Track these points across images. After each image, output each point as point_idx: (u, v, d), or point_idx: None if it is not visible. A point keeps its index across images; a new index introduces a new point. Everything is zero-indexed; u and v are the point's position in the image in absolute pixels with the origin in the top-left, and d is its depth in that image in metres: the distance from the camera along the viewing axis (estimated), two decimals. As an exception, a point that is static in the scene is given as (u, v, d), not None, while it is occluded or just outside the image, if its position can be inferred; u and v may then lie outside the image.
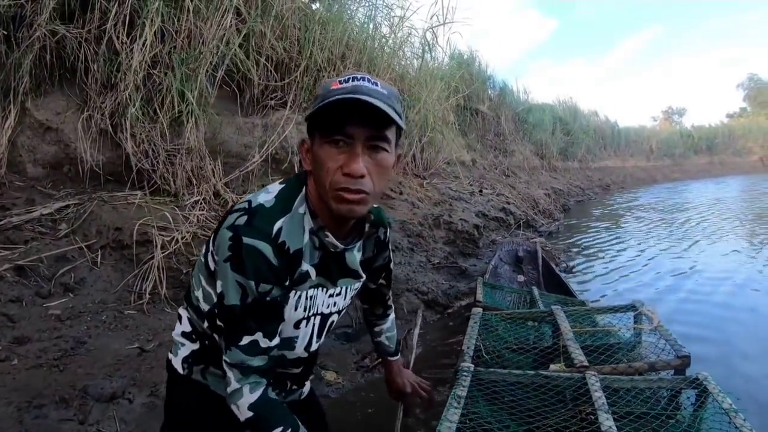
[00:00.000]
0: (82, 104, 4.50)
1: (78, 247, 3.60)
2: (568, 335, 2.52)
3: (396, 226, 5.33)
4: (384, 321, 1.88)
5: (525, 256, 5.50)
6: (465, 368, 2.15)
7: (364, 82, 1.15)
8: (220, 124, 5.00)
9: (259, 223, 1.17)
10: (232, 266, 1.15)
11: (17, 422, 2.28)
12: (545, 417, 1.92)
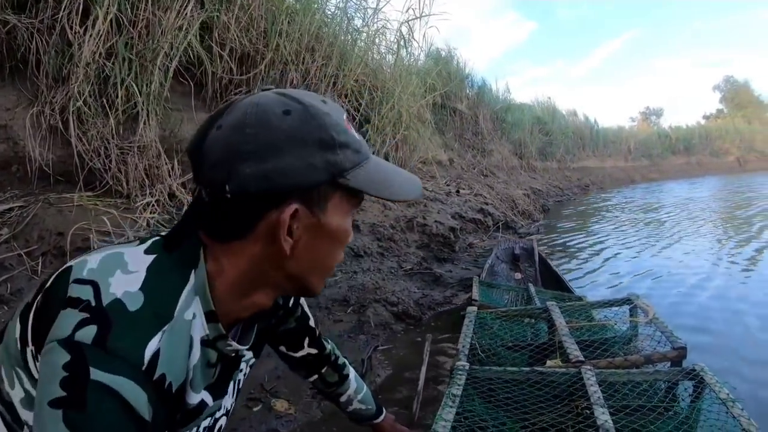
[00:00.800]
0: (32, 99, 4.21)
1: (17, 254, 3.30)
2: (563, 331, 2.50)
3: (366, 229, 5.08)
4: (345, 385, 1.50)
5: (522, 253, 5.46)
6: (460, 367, 2.09)
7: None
8: (180, 120, 4.73)
9: (118, 344, 0.68)
10: (67, 418, 0.64)
11: None
12: (541, 413, 1.89)
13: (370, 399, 1.56)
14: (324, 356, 1.42)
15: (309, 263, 0.83)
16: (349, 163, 0.79)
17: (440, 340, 3.71)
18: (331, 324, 3.77)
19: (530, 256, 5.40)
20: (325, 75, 6.01)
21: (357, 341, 3.66)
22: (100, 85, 4.25)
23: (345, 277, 4.36)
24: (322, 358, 1.42)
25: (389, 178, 0.84)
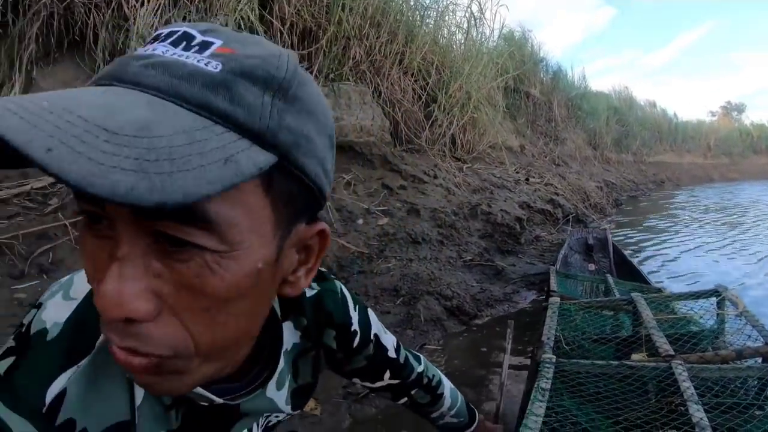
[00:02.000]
0: (90, 73, 4.26)
1: (63, 224, 3.27)
2: (650, 323, 2.39)
3: (426, 214, 4.82)
4: (439, 404, 1.32)
5: (595, 243, 5.29)
6: (547, 359, 2.05)
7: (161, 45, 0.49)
8: None
9: (22, 380, 0.56)
10: None
11: None
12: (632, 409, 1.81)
13: (463, 410, 1.42)
14: (412, 382, 1.21)
15: None
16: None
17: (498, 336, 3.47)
18: (379, 316, 3.46)
19: (604, 246, 5.21)
20: (390, 51, 5.78)
21: (404, 336, 3.40)
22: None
23: (399, 265, 4.10)
24: (412, 383, 1.21)
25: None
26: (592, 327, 2.70)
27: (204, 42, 0.48)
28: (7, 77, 4.08)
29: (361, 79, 5.61)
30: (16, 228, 3.15)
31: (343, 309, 0.92)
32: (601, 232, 5.46)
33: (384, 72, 5.79)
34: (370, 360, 1.05)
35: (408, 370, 1.18)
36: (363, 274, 3.91)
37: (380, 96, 5.82)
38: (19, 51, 4.06)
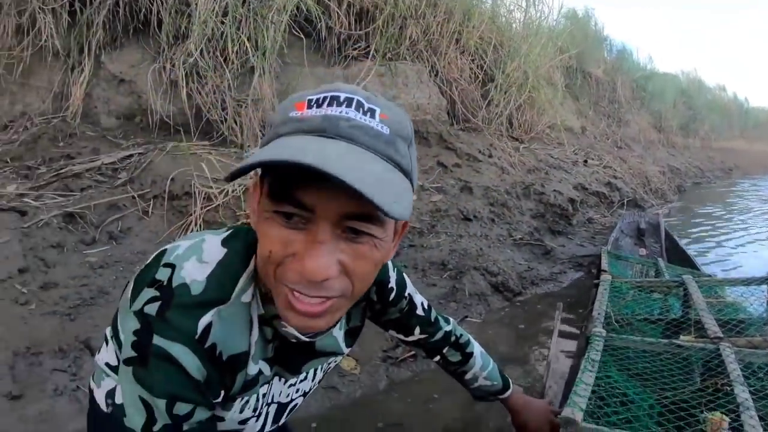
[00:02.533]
0: (154, 56, 4.51)
1: (131, 196, 3.50)
2: (701, 306, 2.38)
3: (479, 192, 4.85)
4: (470, 363, 1.50)
5: (647, 228, 5.18)
6: (598, 333, 2.08)
7: (348, 109, 0.71)
8: (298, 75, 4.85)
9: (176, 317, 0.77)
10: (134, 373, 0.77)
11: (8, 368, 2.22)
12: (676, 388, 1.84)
13: (496, 375, 1.56)
14: (441, 339, 1.42)
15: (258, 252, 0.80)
16: (265, 141, 0.77)
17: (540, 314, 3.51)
18: (424, 287, 3.61)
19: (656, 231, 5.10)
20: (447, 31, 5.79)
21: (447, 308, 3.49)
22: (216, 41, 4.41)
23: (448, 240, 4.18)
24: (441, 341, 1.43)
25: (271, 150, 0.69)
26: (641, 307, 2.69)
27: (370, 109, 0.72)
28: (76, 62, 4.39)
29: (418, 59, 5.66)
30: (88, 199, 3.39)
31: (383, 270, 1.14)
32: (653, 217, 5.35)
33: (441, 51, 5.82)
34: (403, 314, 1.28)
35: (436, 328, 1.39)
36: (413, 248, 4.01)
37: (437, 75, 5.86)
38: (87, 37, 4.35)
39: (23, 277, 2.79)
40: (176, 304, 0.77)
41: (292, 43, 4.86)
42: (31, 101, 4.37)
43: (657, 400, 1.79)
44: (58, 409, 2.17)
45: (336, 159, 0.63)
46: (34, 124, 4.24)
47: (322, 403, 2.46)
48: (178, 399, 0.77)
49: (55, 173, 3.65)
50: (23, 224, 3.13)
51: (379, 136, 0.71)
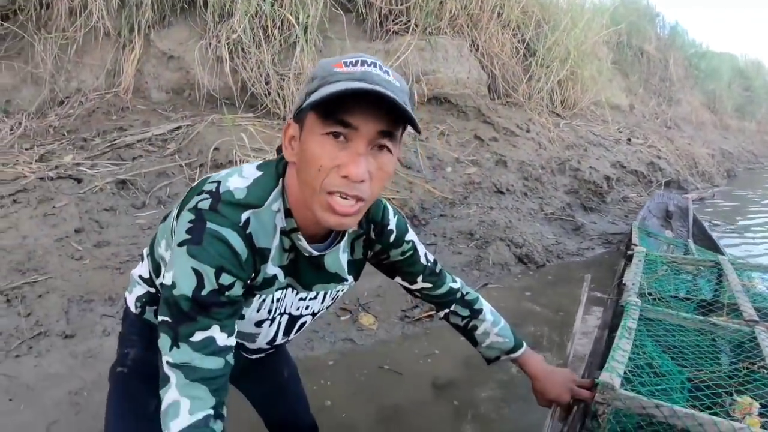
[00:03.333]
0: (201, 33, 4.72)
1: (179, 164, 3.73)
2: (736, 287, 2.32)
3: (513, 166, 4.90)
4: (480, 318, 1.56)
5: (675, 211, 5.05)
6: (633, 302, 2.06)
7: (375, 69, 0.96)
8: (340, 49, 4.97)
9: (224, 209, 1.01)
10: (188, 250, 0.98)
11: (64, 314, 2.54)
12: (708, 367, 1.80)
13: (508, 332, 1.58)
14: (446, 292, 1.51)
15: (301, 174, 1.02)
16: (312, 90, 0.96)
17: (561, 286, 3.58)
18: (450, 255, 3.76)
19: (684, 215, 5.00)
20: (487, 5, 5.78)
21: (469, 276, 3.62)
22: (259, 18, 4.57)
23: (478, 211, 4.28)
24: (446, 294, 1.51)
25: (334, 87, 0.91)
26: (671, 285, 2.62)
27: (386, 71, 0.96)
28: (127, 40, 4.67)
29: (458, 33, 5.68)
30: (139, 167, 3.64)
31: (382, 213, 1.30)
32: (682, 200, 5.23)
33: (482, 26, 5.82)
34: (406, 258, 1.39)
35: (441, 280, 1.48)
36: (444, 218, 4.13)
37: (478, 49, 5.86)
38: (137, 17, 4.60)
39: (79, 236, 3.07)
40: (224, 201, 1.00)
41: (333, 18, 4.97)
42: (85, 78, 4.66)
43: (689, 378, 1.76)
44: (105, 347, 2.45)
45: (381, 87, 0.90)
46: (89, 99, 4.53)
47: (340, 347, 2.76)
48: (224, 270, 0.98)
49: (109, 144, 3.90)
50: (80, 190, 3.40)
51: (398, 87, 0.95)
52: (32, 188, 3.34)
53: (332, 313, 2.97)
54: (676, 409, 1.37)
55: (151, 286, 1.33)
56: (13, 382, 2.22)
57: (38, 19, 4.54)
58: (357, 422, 2.20)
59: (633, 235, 3.53)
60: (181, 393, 0.98)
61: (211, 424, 0.98)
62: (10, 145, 3.99)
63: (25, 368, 2.30)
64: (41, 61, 4.50)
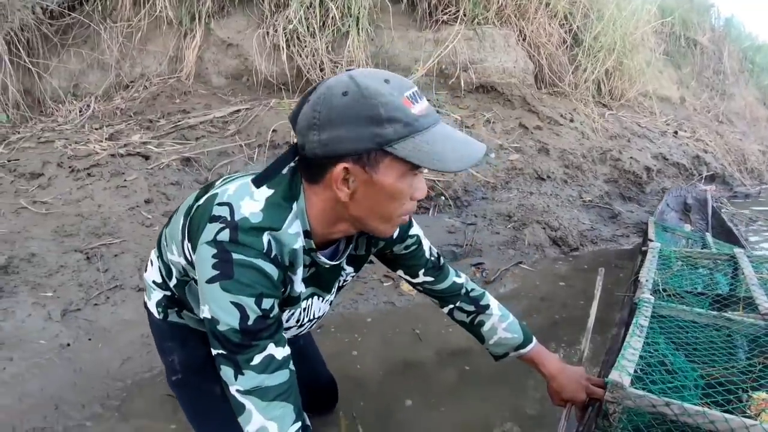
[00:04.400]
0: (258, 22, 5.00)
1: (239, 144, 4.02)
2: (752, 281, 2.29)
3: (555, 154, 5.02)
4: (486, 314, 1.59)
5: (694, 204, 5.02)
6: (646, 299, 2.04)
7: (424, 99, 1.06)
8: (391, 39, 5.19)
9: (246, 239, 1.03)
10: (222, 286, 1.03)
11: (136, 271, 2.90)
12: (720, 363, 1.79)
13: (517, 327, 1.59)
14: (449, 287, 1.58)
15: (367, 209, 1.09)
16: (396, 135, 0.99)
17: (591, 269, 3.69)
18: (489, 235, 3.96)
19: (703, 207, 4.95)
20: (535, -4, 5.87)
21: (505, 254, 3.82)
22: (314, 8, 4.80)
23: (518, 196, 4.45)
24: (449, 289, 1.58)
25: (437, 149, 1.01)
26: (687, 281, 2.61)
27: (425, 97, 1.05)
28: (188, 29, 4.97)
29: (505, 23, 5.77)
30: (201, 147, 3.93)
31: None
32: (701, 193, 5.18)
33: (529, 16, 5.91)
34: (409, 252, 1.48)
35: (443, 274, 1.55)
36: (485, 200, 4.33)
37: (525, 39, 5.94)
38: (198, 7, 4.90)
39: (148, 206, 3.40)
40: (243, 229, 1.03)
41: (384, 8, 5.15)
42: (148, 64, 5.00)
43: (702, 376, 1.74)
44: None
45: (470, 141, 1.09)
46: (153, 84, 4.86)
47: (381, 308, 3.06)
48: (264, 296, 1.04)
49: (174, 125, 4.20)
50: (147, 166, 3.71)
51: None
52: (105, 163, 3.66)
53: (377, 279, 3.25)
54: (686, 406, 1.37)
55: (166, 290, 1.44)
56: (92, 325, 2.57)
57: (103, 9, 4.86)
58: (371, 372, 2.46)
59: (649, 230, 3.56)
60: (265, 417, 1.05)
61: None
62: (81, 125, 4.33)
63: (103, 315, 2.64)
64: (107, 48, 4.85)
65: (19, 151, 3.82)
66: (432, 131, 1.01)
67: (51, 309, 2.56)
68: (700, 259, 2.79)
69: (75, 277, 2.78)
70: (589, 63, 6.33)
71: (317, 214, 1.12)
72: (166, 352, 1.52)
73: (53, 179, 3.50)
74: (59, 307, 2.58)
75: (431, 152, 1.00)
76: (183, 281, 1.33)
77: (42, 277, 2.73)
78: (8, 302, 2.54)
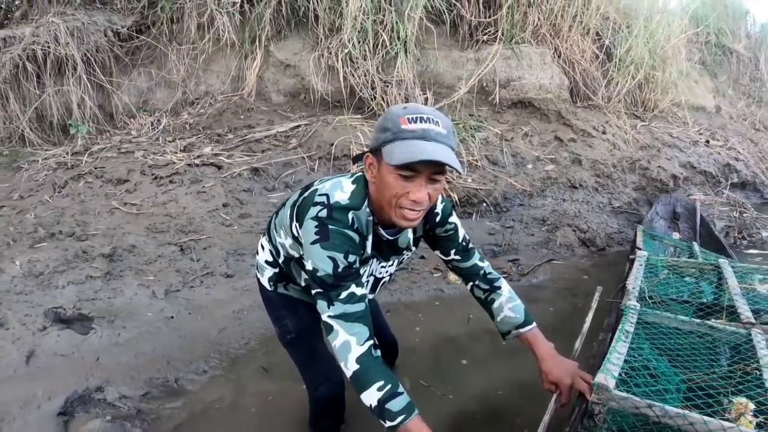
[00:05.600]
0: (313, 45, 5.51)
1: (301, 156, 4.52)
2: (734, 290, 2.36)
3: (587, 164, 5.38)
4: (497, 293, 1.93)
5: (682, 212, 5.04)
6: (632, 306, 2.12)
7: (431, 124, 1.42)
8: (435, 59, 5.62)
9: (338, 215, 1.53)
10: (321, 246, 1.51)
11: (224, 261, 3.46)
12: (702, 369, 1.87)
13: (521, 310, 1.89)
14: (471, 267, 1.96)
15: (379, 194, 1.54)
16: (386, 139, 1.44)
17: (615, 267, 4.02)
18: (524, 236, 4.43)
19: (691, 216, 4.99)
20: (567, 15, 6.22)
21: (538, 252, 4.28)
22: (365, 33, 5.25)
23: (553, 203, 4.86)
24: (471, 269, 1.97)
25: (398, 150, 1.40)
26: (673, 289, 2.67)
27: (437, 122, 1.43)
28: (249, 51, 5.51)
29: (541, 42, 6.14)
30: (267, 158, 4.44)
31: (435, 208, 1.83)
32: (690, 202, 5.17)
33: (563, 35, 6.24)
34: (447, 235, 1.90)
35: (469, 256, 1.95)
36: (522, 206, 4.76)
37: (560, 56, 6.29)
38: (257, 31, 5.43)
39: (226, 209, 3.93)
40: (335, 209, 1.54)
41: (429, 31, 5.59)
42: (212, 83, 5.55)
43: (684, 380, 1.82)
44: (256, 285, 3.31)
45: (438, 153, 1.38)
46: (217, 101, 5.40)
47: (432, 294, 3.55)
48: (349, 252, 1.52)
49: (241, 139, 4.71)
50: (221, 175, 4.24)
51: (445, 135, 1.43)
52: (183, 172, 4.20)
53: (427, 270, 3.73)
54: (667, 408, 1.45)
55: (275, 267, 1.93)
56: (190, 303, 3.14)
57: (170, 33, 5.43)
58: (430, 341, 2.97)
59: (637, 238, 3.67)
60: (348, 333, 1.50)
61: (373, 352, 1.52)
62: (155, 138, 4.89)
63: (199, 295, 3.21)
64: (174, 68, 5.40)
65: (103, 160, 4.41)
66: (409, 141, 1.40)
67: (155, 289, 3.13)
68: (686, 268, 2.84)
69: (172, 264, 3.34)
70: (621, 77, 6.61)
71: (373, 199, 1.58)
72: (279, 318, 2.00)
73: (139, 185, 4.06)
74: (161, 287, 3.15)
75: (392, 151, 1.40)
76: (288, 258, 1.83)
77: (143, 265, 3.30)
78: (116, 283, 3.12)
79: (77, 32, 5.12)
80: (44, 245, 3.31)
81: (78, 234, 3.46)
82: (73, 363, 2.59)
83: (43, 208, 3.79)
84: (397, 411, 1.45)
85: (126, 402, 2.39)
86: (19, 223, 3.57)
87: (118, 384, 2.47)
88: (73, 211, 3.74)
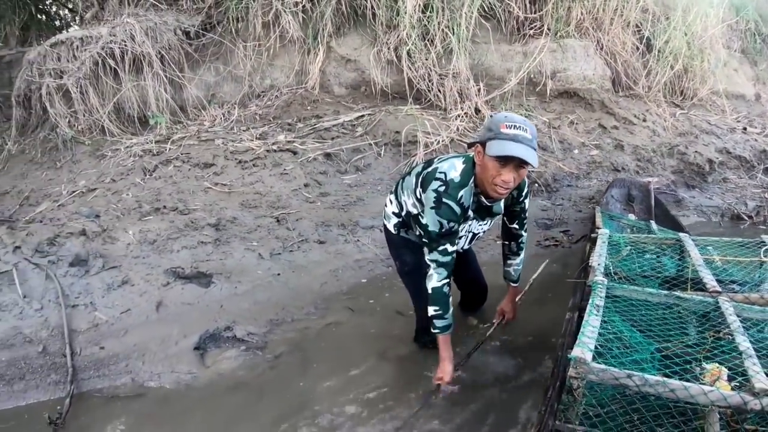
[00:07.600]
0: (372, 41, 5.94)
1: (368, 143, 5.02)
2: (698, 261, 2.47)
3: (629, 149, 5.77)
4: (515, 257, 2.76)
5: (637, 195, 5.13)
6: (600, 281, 2.20)
7: (521, 132, 2.00)
8: (486, 52, 6.02)
9: (452, 191, 2.18)
10: (436, 212, 2.18)
11: (315, 231, 4.00)
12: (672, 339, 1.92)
13: (518, 273, 2.80)
14: (515, 235, 2.70)
15: (482, 173, 2.14)
16: (489, 137, 2.06)
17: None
18: (573, 212, 4.93)
19: (645, 198, 5.07)
20: (610, 8, 6.51)
21: (586, 226, 4.53)
22: (421, 29, 5.68)
23: (597, 184, 5.30)
24: (515, 236, 2.70)
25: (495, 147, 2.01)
26: (636, 264, 2.75)
27: (525, 128, 2.08)
28: (312, 47, 5.95)
29: (584, 35, 6.47)
30: (338, 145, 4.94)
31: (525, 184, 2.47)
32: (643, 184, 5.25)
33: (605, 28, 6.54)
34: (519, 210, 2.57)
35: (519, 227, 2.66)
36: (570, 187, 5.23)
37: (602, 49, 6.59)
38: (319, 28, 5.87)
39: (307, 189, 4.44)
40: (450, 186, 2.19)
41: (481, 26, 5.97)
42: (277, 77, 6.02)
43: (657, 349, 1.86)
44: (346, 249, 3.91)
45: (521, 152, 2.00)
46: (283, 94, 5.85)
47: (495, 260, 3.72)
48: (451, 221, 2.22)
49: (311, 128, 5.19)
50: (297, 159, 4.72)
51: (530, 140, 2.02)
52: (264, 156, 4.70)
53: (491, 238, 4.11)
54: (646, 377, 1.47)
55: (399, 217, 2.62)
56: (292, 263, 3.71)
57: (235, 31, 5.86)
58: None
59: (596, 218, 3.71)
60: (434, 271, 2.31)
61: (444, 288, 2.32)
62: (230, 128, 5.35)
63: (297, 258, 3.77)
64: (240, 63, 5.84)
65: (187, 147, 4.90)
66: (504, 141, 1.99)
67: (260, 251, 3.69)
68: (647, 244, 2.93)
69: (271, 233, 3.88)
70: (660, 67, 6.88)
71: (477, 177, 2.19)
72: (401, 255, 2.75)
73: (225, 168, 4.57)
74: (266, 251, 3.71)
75: (492, 146, 2.02)
76: (408, 213, 2.53)
77: (245, 233, 3.84)
78: (226, 248, 3.67)
79: (150, 32, 5.57)
80: (151, 218, 3.82)
81: (181, 209, 3.97)
82: (200, 309, 3.15)
83: (136, 189, 4.28)
84: (437, 327, 2.38)
85: (253, 337, 2.96)
86: (118, 201, 4.06)
87: (244, 324, 3.04)
88: (169, 191, 4.23)
